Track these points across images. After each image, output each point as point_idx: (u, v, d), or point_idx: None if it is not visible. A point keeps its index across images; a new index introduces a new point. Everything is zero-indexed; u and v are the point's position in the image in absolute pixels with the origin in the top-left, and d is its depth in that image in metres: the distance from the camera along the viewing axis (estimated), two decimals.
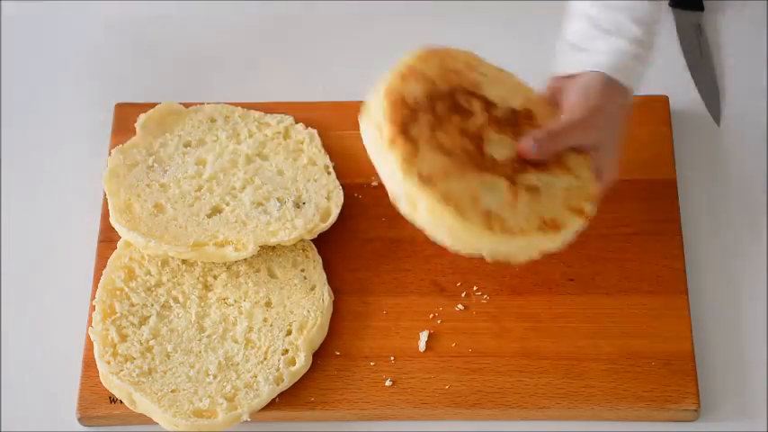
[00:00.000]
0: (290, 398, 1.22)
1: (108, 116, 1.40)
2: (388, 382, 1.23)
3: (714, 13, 1.47)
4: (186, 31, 1.49)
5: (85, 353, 1.25)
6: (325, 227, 1.29)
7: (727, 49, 1.45)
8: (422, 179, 1.10)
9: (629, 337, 1.24)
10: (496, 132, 1.16)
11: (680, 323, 1.25)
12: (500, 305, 1.27)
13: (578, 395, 1.21)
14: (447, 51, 1.19)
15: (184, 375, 1.21)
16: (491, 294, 1.27)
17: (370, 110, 1.14)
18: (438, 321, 1.26)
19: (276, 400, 1.21)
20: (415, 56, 1.16)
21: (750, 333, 1.26)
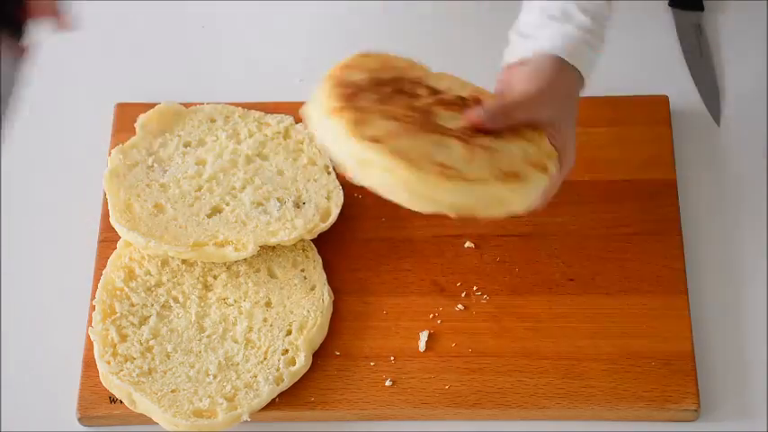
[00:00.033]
0: (290, 398, 1.22)
1: (108, 116, 1.40)
2: (388, 382, 1.23)
3: (714, 13, 1.47)
4: (186, 31, 1.49)
5: (85, 353, 1.25)
6: (325, 227, 1.29)
7: (727, 49, 1.44)
8: (373, 139, 1.06)
9: (629, 337, 1.24)
10: (445, 110, 1.12)
11: (680, 323, 1.25)
12: (500, 305, 1.27)
13: (578, 395, 1.21)
14: (388, 54, 1.17)
15: (184, 375, 1.21)
16: (491, 294, 1.27)
17: (314, 98, 1.11)
18: (438, 321, 1.26)
19: (276, 400, 1.21)
20: (355, 54, 1.15)
21: (750, 333, 1.26)
